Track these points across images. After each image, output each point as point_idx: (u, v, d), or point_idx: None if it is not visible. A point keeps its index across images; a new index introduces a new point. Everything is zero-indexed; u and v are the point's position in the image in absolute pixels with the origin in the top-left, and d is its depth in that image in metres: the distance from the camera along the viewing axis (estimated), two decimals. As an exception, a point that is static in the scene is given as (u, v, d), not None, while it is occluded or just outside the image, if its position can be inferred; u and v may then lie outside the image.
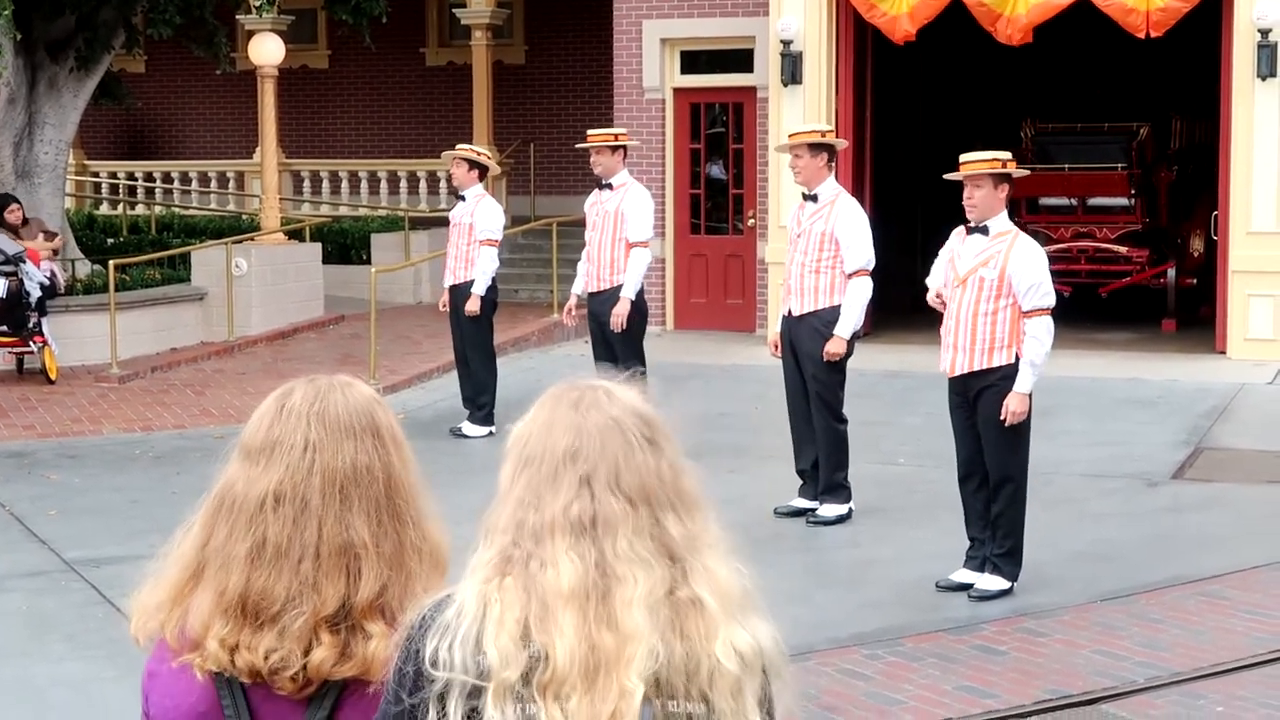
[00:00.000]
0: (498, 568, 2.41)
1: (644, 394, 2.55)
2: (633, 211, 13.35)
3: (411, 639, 2.46)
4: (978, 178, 9.50)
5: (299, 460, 2.74)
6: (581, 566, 2.35)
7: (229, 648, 2.69)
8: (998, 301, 9.43)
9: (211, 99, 29.16)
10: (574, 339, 19.43)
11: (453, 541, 2.78)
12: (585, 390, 2.49)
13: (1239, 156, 17.78)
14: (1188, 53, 20.69)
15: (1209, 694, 7.96)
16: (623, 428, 2.43)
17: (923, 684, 8.14)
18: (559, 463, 2.41)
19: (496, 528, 2.45)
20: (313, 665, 2.68)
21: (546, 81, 27.37)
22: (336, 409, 2.78)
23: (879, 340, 18.86)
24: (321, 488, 2.72)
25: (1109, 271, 21.09)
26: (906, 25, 18.59)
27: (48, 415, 15.91)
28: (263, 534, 2.72)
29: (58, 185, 20.68)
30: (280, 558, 2.70)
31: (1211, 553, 10.52)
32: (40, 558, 10.84)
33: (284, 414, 2.79)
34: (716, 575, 2.41)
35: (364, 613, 2.70)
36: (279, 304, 20.83)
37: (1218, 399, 15.48)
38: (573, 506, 2.38)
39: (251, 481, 2.75)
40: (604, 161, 13.49)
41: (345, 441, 2.75)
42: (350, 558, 2.71)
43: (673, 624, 2.36)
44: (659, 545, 2.39)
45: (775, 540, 10.67)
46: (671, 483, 2.44)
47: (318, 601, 2.69)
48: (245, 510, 2.74)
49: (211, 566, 2.75)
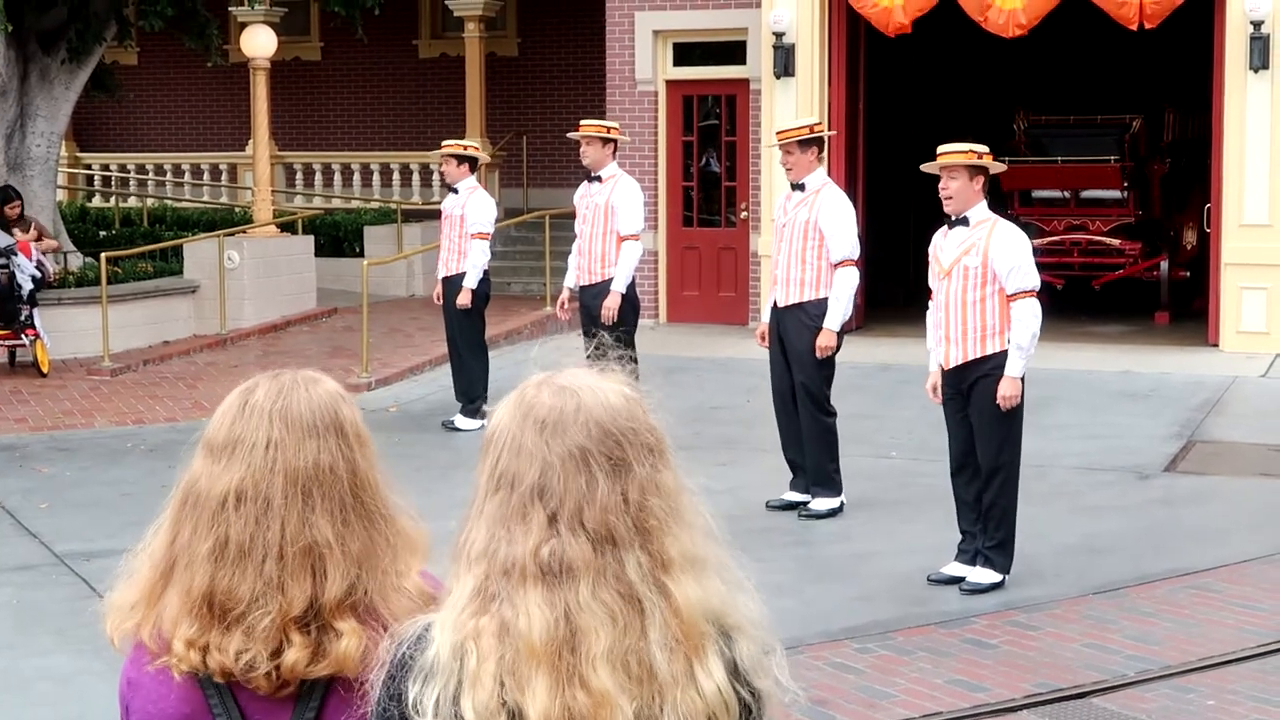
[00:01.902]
0: (474, 606, 2.40)
1: (629, 385, 2.52)
2: (623, 204, 13.33)
3: (395, 678, 2.45)
4: (953, 169, 9.54)
5: (261, 459, 2.71)
6: (551, 616, 2.34)
7: (199, 648, 2.68)
8: (983, 289, 9.44)
9: (203, 91, 29.11)
10: (567, 332, 19.41)
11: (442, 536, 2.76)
12: (554, 401, 2.44)
13: (1232, 149, 17.78)
14: (1181, 45, 20.69)
15: (1200, 687, 7.96)
16: (587, 457, 2.40)
17: (913, 677, 8.14)
18: (526, 499, 2.40)
19: (472, 553, 2.43)
20: (286, 666, 2.67)
21: (539, 74, 27.34)
22: (299, 406, 2.75)
23: (871, 333, 18.86)
24: (284, 487, 2.70)
25: (1102, 264, 21.09)
26: (901, 17, 18.57)
27: (39, 408, 15.89)
28: (225, 533, 2.70)
29: (49, 177, 20.65)
30: (243, 557, 2.69)
31: (1203, 546, 10.53)
32: (31, 551, 10.83)
33: (246, 411, 2.76)
34: (682, 612, 2.39)
35: (333, 612, 2.69)
36: (271, 297, 20.81)
37: (1210, 392, 15.49)
38: (542, 550, 2.37)
39: (214, 479, 2.73)
40: (593, 153, 13.46)
41: (308, 440, 2.73)
42: (315, 557, 2.69)
43: (639, 677, 2.36)
44: (621, 588, 2.37)
45: (767, 534, 10.67)
46: (638, 507, 2.41)
47: (284, 602, 2.67)
48: (208, 508, 2.72)
49: (179, 565, 2.74)
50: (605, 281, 13.30)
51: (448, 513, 2.68)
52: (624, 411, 2.45)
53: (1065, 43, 22.19)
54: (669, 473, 2.47)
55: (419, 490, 3.03)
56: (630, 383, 2.51)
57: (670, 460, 2.49)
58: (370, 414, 15.67)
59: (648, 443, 2.45)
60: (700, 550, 2.46)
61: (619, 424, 2.44)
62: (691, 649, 2.39)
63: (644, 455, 2.44)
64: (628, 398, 2.48)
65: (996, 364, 9.45)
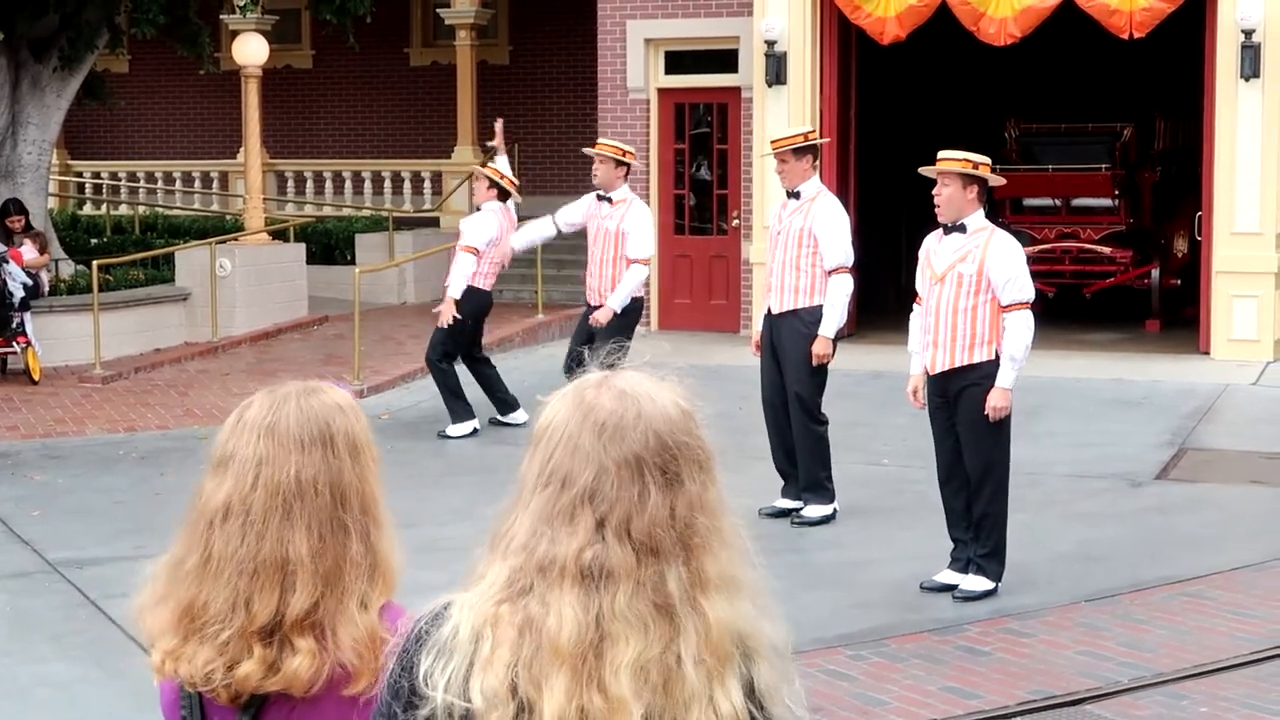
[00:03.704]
0: (502, 595, 2.39)
1: (684, 397, 2.51)
2: (634, 230, 13.38)
3: (408, 649, 2.45)
4: (947, 175, 9.53)
5: (247, 474, 2.75)
6: (583, 620, 2.34)
7: (174, 658, 2.73)
8: (977, 297, 9.44)
9: (195, 99, 29.09)
10: (558, 339, 19.42)
11: (434, 543, 2.77)
12: (615, 405, 2.43)
13: (1223, 157, 17.82)
14: (1171, 53, 20.72)
15: (1193, 694, 7.97)
16: (642, 466, 2.40)
17: (907, 685, 8.15)
18: (576, 500, 2.39)
19: (512, 544, 2.43)
20: (238, 678, 2.71)
21: (531, 82, 27.34)
22: (288, 421, 2.77)
23: (863, 340, 18.87)
24: (265, 501, 2.73)
25: (1093, 272, 21.12)
26: (895, 29, 18.60)
27: (31, 416, 15.87)
28: (210, 547, 2.74)
29: (41, 185, 20.64)
30: (222, 571, 2.72)
31: (1196, 553, 10.54)
32: (24, 558, 10.81)
33: (239, 427, 2.81)
34: (712, 630, 2.40)
35: (294, 628, 2.71)
36: (263, 304, 20.79)
37: (1202, 399, 15.51)
38: (585, 553, 2.36)
39: (210, 494, 2.78)
40: (604, 173, 13.50)
41: (292, 454, 2.75)
42: (286, 572, 2.71)
43: (659, 687, 2.36)
44: (658, 600, 2.37)
45: (760, 541, 10.58)
46: (685, 523, 2.41)
47: (249, 615, 2.70)
48: (201, 523, 2.77)
49: (175, 577, 2.78)
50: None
51: (441, 519, 2.68)
52: (681, 425, 2.46)
53: (1056, 51, 22.21)
54: (715, 490, 2.48)
55: (412, 497, 3.06)
56: (685, 395, 2.51)
57: (716, 478, 2.49)
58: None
59: (699, 459, 2.46)
60: (736, 571, 2.48)
61: (676, 437, 2.44)
62: (715, 668, 2.40)
63: (695, 471, 2.44)
64: (684, 410, 2.48)
65: (984, 373, 9.45)
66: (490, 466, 12.78)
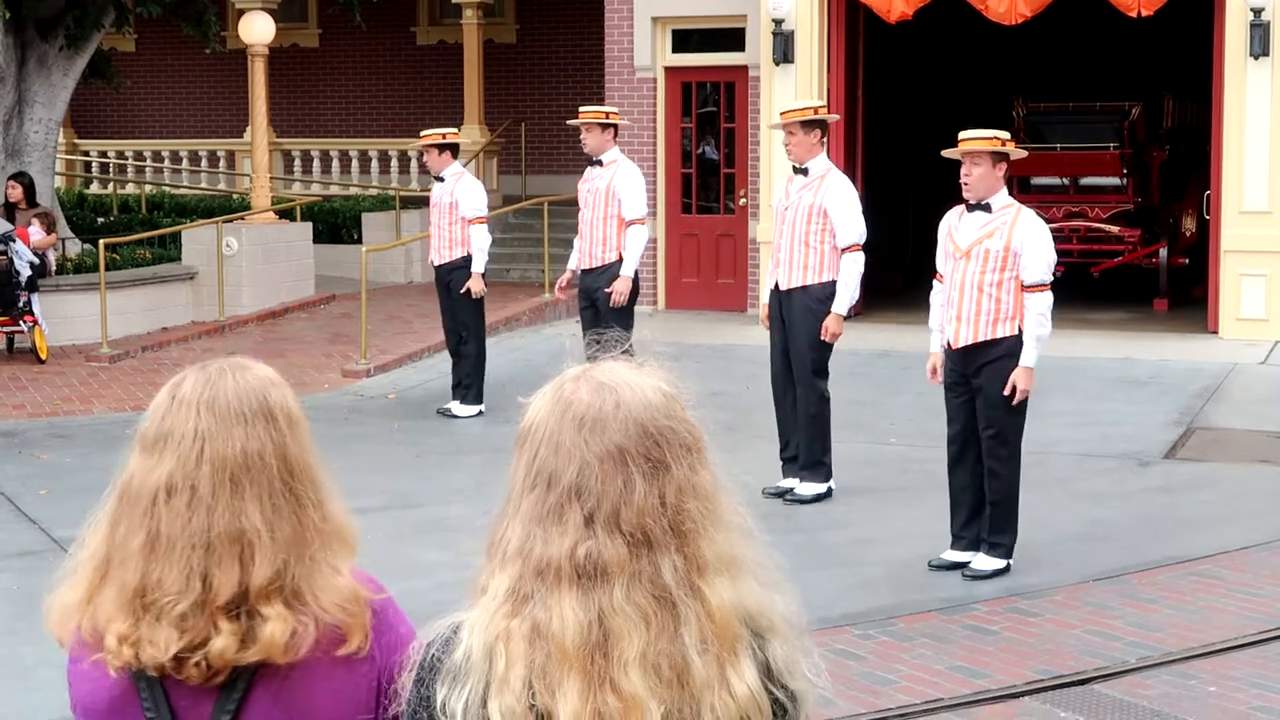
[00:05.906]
0: (507, 607, 2.38)
1: (667, 381, 2.49)
2: (626, 189, 13.33)
3: (423, 680, 2.44)
4: (976, 155, 9.41)
5: (188, 450, 2.72)
6: (584, 619, 2.32)
7: (130, 643, 2.69)
8: (1002, 273, 9.38)
9: (201, 78, 29.07)
10: (565, 318, 19.41)
11: (440, 522, 2.75)
12: (593, 398, 2.41)
13: (1231, 136, 17.77)
14: (1180, 32, 20.66)
15: (1201, 674, 7.96)
16: (626, 456, 2.37)
17: (915, 664, 8.14)
18: (563, 498, 2.37)
19: (507, 552, 2.41)
20: (214, 654, 2.67)
21: (538, 60, 27.31)
22: (226, 395, 2.75)
23: (870, 319, 18.85)
24: (211, 476, 2.70)
25: (1101, 251, 21.07)
26: (902, 7, 18.57)
27: (38, 394, 15.88)
28: (156, 527, 2.71)
29: (47, 164, 20.63)
30: (172, 549, 2.69)
31: (1203, 532, 10.53)
32: (30, 537, 10.82)
33: (175, 404, 2.77)
34: (715, 614, 2.38)
35: (260, 597, 2.68)
36: (269, 283, 20.79)
37: (1210, 379, 15.48)
38: (578, 550, 2.34)
39: (146, 474, 2.74)
40: (593, 139, 13.47)
41: (235, 428, 2.73)
42: (244, 545, 2.68)
43: (673, 682, 2.34)
44: (656, 590, 2.36)
45: (765, 520, 10.56)
46: (675, 509, 2.39)
47: (210, 590, 2.67)
48: (140, 503, 2.73)
49: (114, 561, 2.75)
50: (606, 265, 13.30)
51: (446, 499, 2.67)
52: (663, 409, 2.43)
53: (1064, 29, 22.16)
54: (706, 473, 2.45)
55: (417, 476, 3.04)
56: (668, 378, 2.48)
57: (708, 459, 2.47)
58: (369, 400, 15.68)
59: (686, 442, 2.43)
60: (736, 550, 2.45)
61: (658, 423, 2.41)
62: (724, 651, 2.38)
63: (682, 455, 2.42)
64: (666, 394, 2.46)
65: (1005, 350, 9.40)
66: (495, 446, 12.77)
